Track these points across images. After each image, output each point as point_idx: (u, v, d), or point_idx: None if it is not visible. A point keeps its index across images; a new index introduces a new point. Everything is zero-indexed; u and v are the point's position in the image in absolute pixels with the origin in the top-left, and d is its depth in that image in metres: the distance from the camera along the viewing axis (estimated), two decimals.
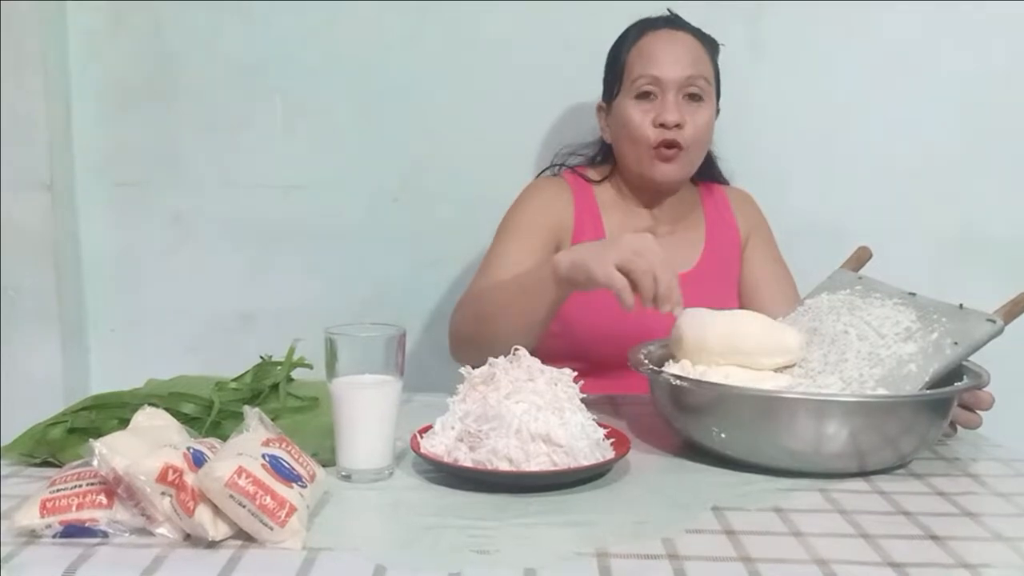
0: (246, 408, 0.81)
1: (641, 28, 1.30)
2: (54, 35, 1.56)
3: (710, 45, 1.31)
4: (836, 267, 1.14)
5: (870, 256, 1.14)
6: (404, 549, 0.73)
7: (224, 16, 1.58)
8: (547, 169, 1.43)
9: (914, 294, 1.03)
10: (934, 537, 0.76)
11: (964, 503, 0.84)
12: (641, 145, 1.27)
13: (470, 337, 1.19)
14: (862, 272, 1.12)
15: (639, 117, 1.26)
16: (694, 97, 1.26)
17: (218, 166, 1.62)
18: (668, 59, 1.26)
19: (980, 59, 1.53)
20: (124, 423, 0.83)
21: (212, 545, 0.71)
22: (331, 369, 0.87)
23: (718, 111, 1.33)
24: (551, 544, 0.74)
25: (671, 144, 1.25)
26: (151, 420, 0.82)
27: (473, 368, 0.93)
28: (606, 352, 1.22)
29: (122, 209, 1.62)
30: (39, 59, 1.53)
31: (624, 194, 1.35)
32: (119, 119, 1.60)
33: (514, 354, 0.92)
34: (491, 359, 0.92)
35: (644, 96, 1.27)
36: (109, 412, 0.93)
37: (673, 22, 1.31)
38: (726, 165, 1.47)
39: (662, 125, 1.24)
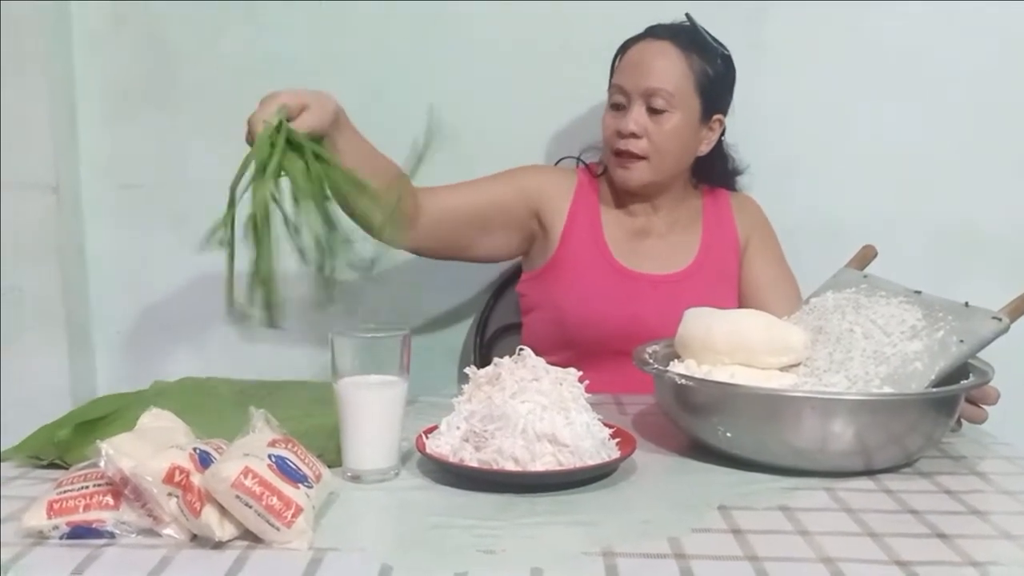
0: (252, 409, 0.81)
1: (629, 40, 1.33)
2: (58, 37, 1.57)
3: (696, 52, 1.29)
4: (841, 266, 1.14)
5: (875, 255, 1.14)
6: (410, 549, 0.73)
7: (228, 18, 1.58)
8: (565, 158, 1.46)
9: (919, 292, 1.02)
10: (941, 535, 0.75)
11: (971, 501, 0.84)
12: (608, 151, 1.33)
13: None
14: (867, 271, 1.12)
15: (609, 124, 1.31)
16: (655, 110, 1.27)
17: (222, 168, 1.61)
18: (634, 70, 1.29)
19: (982, 57, 1.52)
20: (131, 425, 0.84)
21: (218, 546, 0.71)
22: (336, 370, 0.87)
23: (724, 113, 1.33)
24: (557, 544, 0.74)
25: (625, 153, 1.29)
26: (157, 421, 0.83)
27: (478, 368, 0.94)
28: (593, 339, 1.25)
29: (127, 211, 1.63)
30: (42, 61, 1.53)
31: (621, 192, 1.37)
32: (124, 121, 1.61)
33: (519, 354, 0.93)
34: (496, 359, 0.92)
35: (616, 106, 1.31)
36: (116, 414, 0.94)
37: (655, 31, 1.31)
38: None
39: (620, 133, 1.28)
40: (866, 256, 1.14)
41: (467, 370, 0.95)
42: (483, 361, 1.45)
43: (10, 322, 1.56)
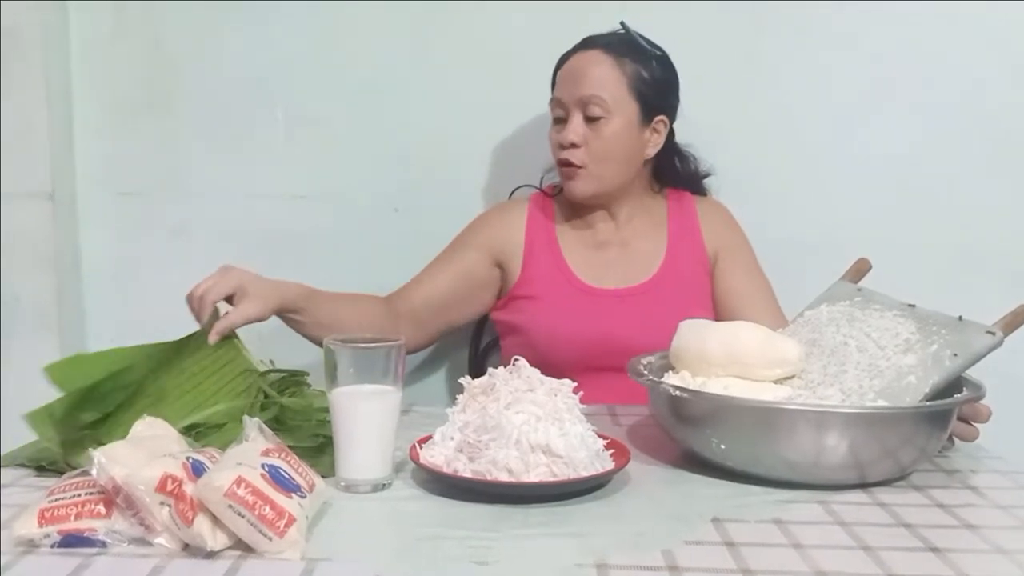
0: (245, 418, 0.81)
1: (565, 54, 1.35)
2: (56, 45, 1.57)
3: (629, 56, 1.29)
4: (835, 279, 1.14)
5: (869, 268, 1.14)
6: (403, 560, 0.73)
7: (226, 27, 1.58)
8: (521, 187, 1.48)
9: (913, 306, 1.03)
10: (934, 549, 0.76)
11: (964, 515, 0.84)
12: (556, 165, 1.34)
13: None
14: (861, 284, 1.12)
15: (553, 138, 1.34)
16: (592, 118, 1.28)
17: (219, 176, 1.62)
18: (568, 81, 1.31)
19: (978, 70, 1.53)
20: (125, 429, 0.84)
21: (211, 555, 0.71)
22: (331, 379, 0.87)
23: (668, 114, 1.34)
24: (550, 555, 0.74)
25: (567, 163, 1.30)
26: (150, 430, 0.82)
27: (473, 378, 0.94)
28: (566, 359, 1.25)
29: (123, 219, 1.63)
30: (41, 69, 1.53)
31: (577, 207, 1.38)
32: (121, 129, 1.61)
33: (514, 364, 0.93)
34: (490, 370, 0.92)
35: (557, 119, 1.33)
36: (110, 417, 0.94)
37: (587, 42, 1.32)
38: (725, 176, 1.48)
39: (562, 145, 1.30)
40: (860, 269, 1.14)
41: (462, 380, 0.94)
42: (478, 371, 1.44)
43: (5, 328, 1.55)
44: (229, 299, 1.11)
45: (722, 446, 0.91)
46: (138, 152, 1.62)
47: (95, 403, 0.94)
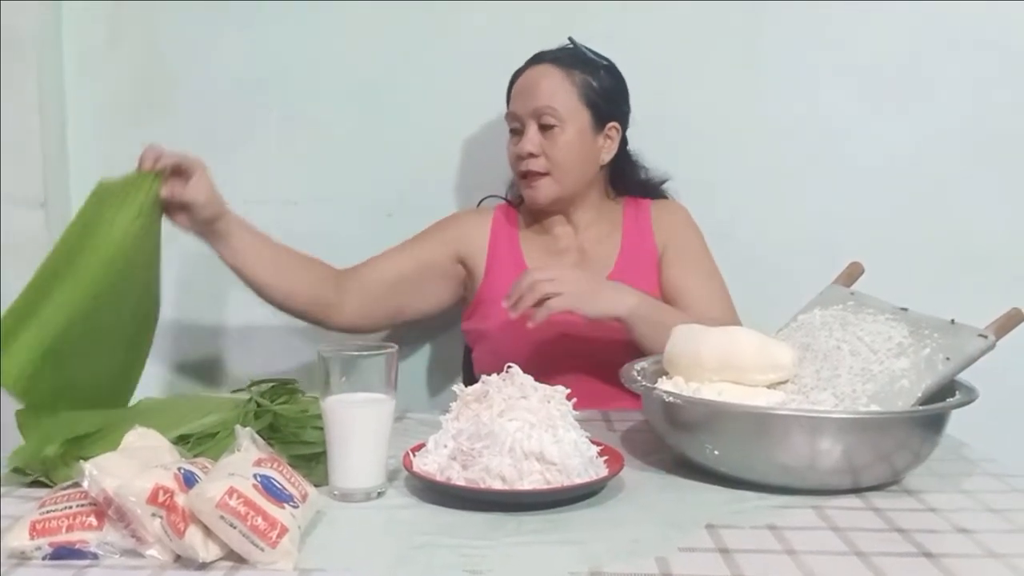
0: (237, 428, 0.81)
1: (517, 71, 1.38)
2: (50, 51, 1.57)
3: (578, 68, 1.33)
4: (829, 282, 1.14)
5: (862, 271, 1.14)
6: (397, 569, 0.73)
7: (220, 33, 1.58)
8: (488, 197, 1.50)
9: (906, 309, 1.03)
10: (928, 554, 0.76)
11: (957, 519, 0.84)
12: (516, 177, 1.39)
13: None
14: (854, 287, 1.12)
15: (511, 151, 1.38)
16: (546, 127, 1.31)
17: (214, 181, 1.61)
18: (521, 95, 1.35)
19: (978, 70, 1.53)
20: (118, 443, 0.83)
21: (203, 567, 0.71)
22: (324, 388, 0.87)
23: (619, 121, 1.36)
24: (545, 563, 0.74)
25: (527, 174, 1.34)
26: (142, 440, 0.82)
27: (466, 385, 0.94)
28: (534, 361, 1.23)
29: None
30: (34, 75, 1.53)
31: (538, 215, 1.41)
32: (114, 136, 1.60)
33: (507, 371, 0.93)
34: (484, 377, 0.92)
35: (514, 132, 1.37)
36: (103, 432, 0.93)
37: (537, 58, 1.36)
38: (724, 177, 1.47)
39: (520, 156, 1.34)
40: (853, 273, 1.14)
41: (455, 387, 0.94)
42: (471, 378, 1.44)
43: None
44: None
45: (716, 452, 0.91)
46: (132, 159, 1.60)
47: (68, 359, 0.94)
